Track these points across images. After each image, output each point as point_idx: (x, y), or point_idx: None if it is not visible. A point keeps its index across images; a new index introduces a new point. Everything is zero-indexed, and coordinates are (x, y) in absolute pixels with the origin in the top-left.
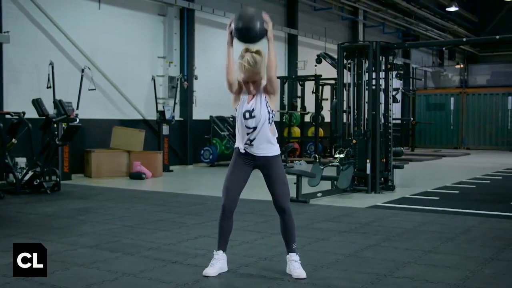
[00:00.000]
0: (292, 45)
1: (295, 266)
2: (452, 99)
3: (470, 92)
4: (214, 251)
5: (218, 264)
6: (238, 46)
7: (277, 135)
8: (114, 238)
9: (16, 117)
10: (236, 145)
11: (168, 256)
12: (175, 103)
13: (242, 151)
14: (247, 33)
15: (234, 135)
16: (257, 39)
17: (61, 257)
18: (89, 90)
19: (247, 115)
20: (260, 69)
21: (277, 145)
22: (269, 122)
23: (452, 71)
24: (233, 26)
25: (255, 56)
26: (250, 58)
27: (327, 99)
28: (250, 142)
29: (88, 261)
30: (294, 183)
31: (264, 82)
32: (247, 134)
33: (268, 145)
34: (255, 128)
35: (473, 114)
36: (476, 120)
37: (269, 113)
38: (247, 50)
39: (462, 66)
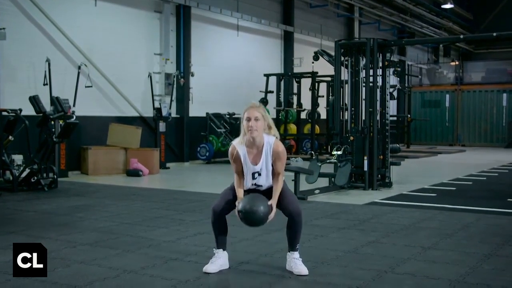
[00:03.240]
0: (288, 42)
1: (296, 263)
2: (447, 96)
3: (465, 89)
4: (214, 249)
5: (218, 261)
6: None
7: None
8: (113, 235)
9: (13, 114)
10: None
11: (168, 253)
12: (171, 100)
13: (250, 187)
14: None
15: (230, 133)
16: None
17: (61, 255)
18: (85, 87)
19: (256, 175)
20: (263, 113)
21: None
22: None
23: (447, 68)
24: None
25: (261, 104)
26: (256, 102)
27: (323, 96)
28: (257, 187)
29: (88, 258)
30: (292, 180)
31: (266, 134)
32: (253, 179)
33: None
34: (260, 174)
35: (468, 111)
36: (471, 117)
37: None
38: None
39: (457, 63)
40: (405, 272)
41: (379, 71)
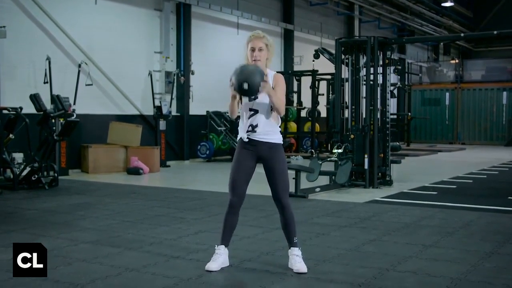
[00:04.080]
0: (288, 40)
1: (296, 261)
2: (447, 94)
3: (465, 87)
4: (216, 246)
5: (220, 259)
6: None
7: (280, 124)
8: (114, 233)
9: (13, 112)
10: (239, 136)
11: (170, 251)
12: (172, 98)
13: (246, 139)
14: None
15: (230, 131)
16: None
17: (63, 253)
18: (86, 85)
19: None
20: (266, 42)
21: (280, 135)
22: (271, 110)
23: (447, 66)
24: (233, 80)
25: (265, 34)
26: (260, 31)
27: (323, 94)
28: (252, 129)
29: (90, 256)
30: (293, 178)
31: (267, 66)
32: (249, 118)
33: (270, 131)
34: (256, 111)
35: (468, 109)
36: (471, 115)
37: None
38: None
39: (457, 61)
40: (407, 270)
41: (380, 69)
